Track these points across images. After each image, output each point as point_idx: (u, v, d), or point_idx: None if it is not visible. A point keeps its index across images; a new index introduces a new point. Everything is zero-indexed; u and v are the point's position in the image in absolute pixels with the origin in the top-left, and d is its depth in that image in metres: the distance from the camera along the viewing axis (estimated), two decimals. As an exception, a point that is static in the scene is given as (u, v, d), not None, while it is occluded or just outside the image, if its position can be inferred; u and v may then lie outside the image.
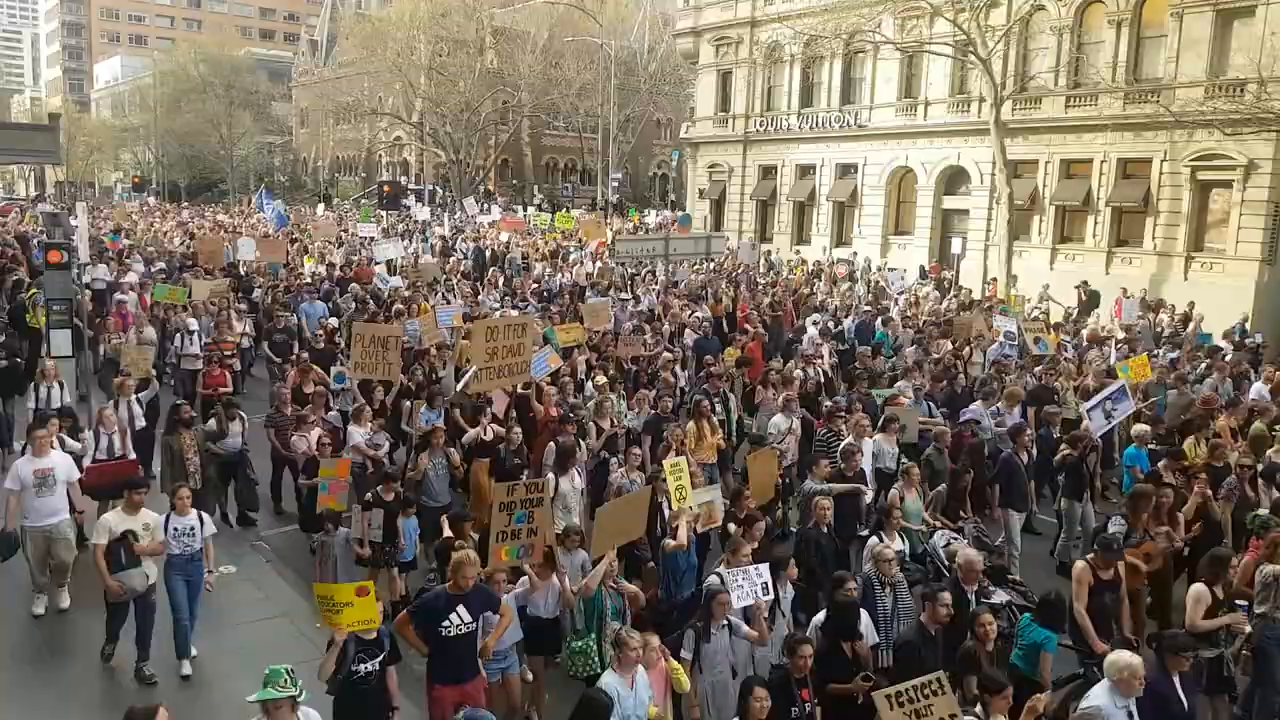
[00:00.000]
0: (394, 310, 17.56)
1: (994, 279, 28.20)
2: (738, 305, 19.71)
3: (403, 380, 12.58)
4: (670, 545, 8.20)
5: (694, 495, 8.69)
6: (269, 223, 37.06)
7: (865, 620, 6.98)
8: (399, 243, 28.67)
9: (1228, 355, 16.77)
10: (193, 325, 15.74)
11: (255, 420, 12.18)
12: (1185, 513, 9.62)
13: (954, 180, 33.73)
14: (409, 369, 13.29)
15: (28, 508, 8.86)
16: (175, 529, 8.15)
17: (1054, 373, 14.67)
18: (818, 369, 14.64)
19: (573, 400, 12.33)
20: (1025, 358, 16.25)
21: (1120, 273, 27.52)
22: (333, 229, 34.51)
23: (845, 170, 37.08)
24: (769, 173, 40.33)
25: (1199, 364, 16.12)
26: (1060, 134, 29.58)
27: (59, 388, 11.85)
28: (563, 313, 18.43)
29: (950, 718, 5.53)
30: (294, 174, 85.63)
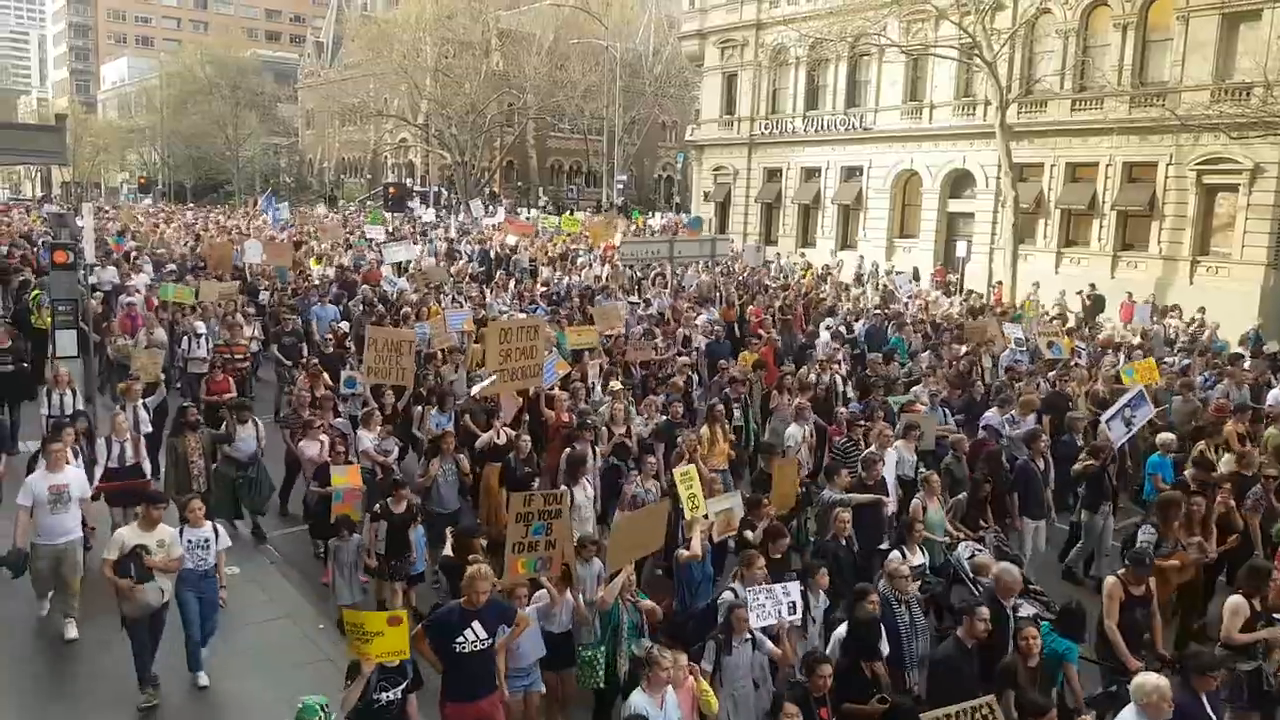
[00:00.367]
0: (402, 313, 17.29)
1: (999, 282, 28.20)
2: (751, 310, 19.51)
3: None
4: (684, 555, 7.99)
5: (711, 503, 8.53)
6: (272, 226, 36.98)
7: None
8: (409, 245, 28.35)
9: (1247, 363, 16.46)
10: (200, 328, 15.36)
11: (263, 422, 11.91)
12: (1210, 522, 9.28)
13: (959, 183, 33.73)
14: (420, 373, 13.06)
15: (40, 525, 8.44)
16: (189, 542, 7.86)
17: (1067, 378, 14.48)
18: (833, 374, 14.41)
19: (583, 405, 12.06)
20: (1037, 362, 16.11)
21: (1125, 277, 27.54)
22: (340, 232, 34.41)
23: (850, 173, 37.10)
24: (774, 175, 40.37)
25: (1214, 371, 15.88)
26: (1065, 137, 29.58)
27: (71, 395, 11.50)
28: (571, 316, 18.28)
29: None
30: (299, 175, 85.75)
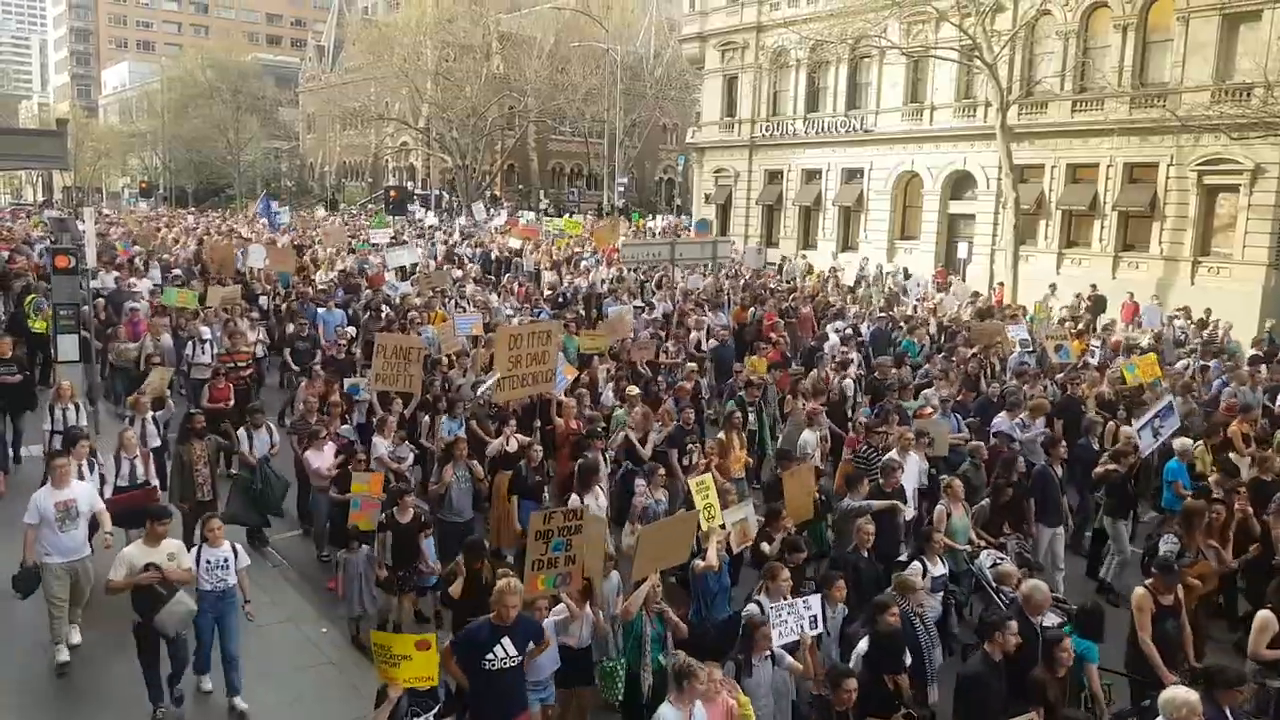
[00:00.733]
0: (409, 318, 17.15)
1: (1000, 283, 28.29)
2: (763, 314, 19.41)
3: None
4: (700, 566, 7.80)
5: (726, 513, 8.38)
6: (268, 228, 36.88)
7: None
8: (412, 249, 28.23)
9: (1263, 370, 16.24)
10: (206, 334, 15.20)
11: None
12: (1230, 530, 9.24)
13: (960, 185, 33.79)
14: (427, 380, 12.75)
15: (49, 544, 8.05)
16: (207, 562, 7.50)
17: (1078, 380, 14.36)
18: (847, 378, 14.34)
19: (590, 412, 11.94)
20: (1045, 366, 16.11)
21: (1126, 277, 27.59)
22: (343, 236, 34.42)
23: (851, 175, 37.16)
24: (775, 178, 40.42)
25: (1230, 374, 15.74)
26: (1066, 138, 29.62)
27: (75, 409, 11.21)
28: (579, 320, 18.26)
29: None
30: (301, 179, 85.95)
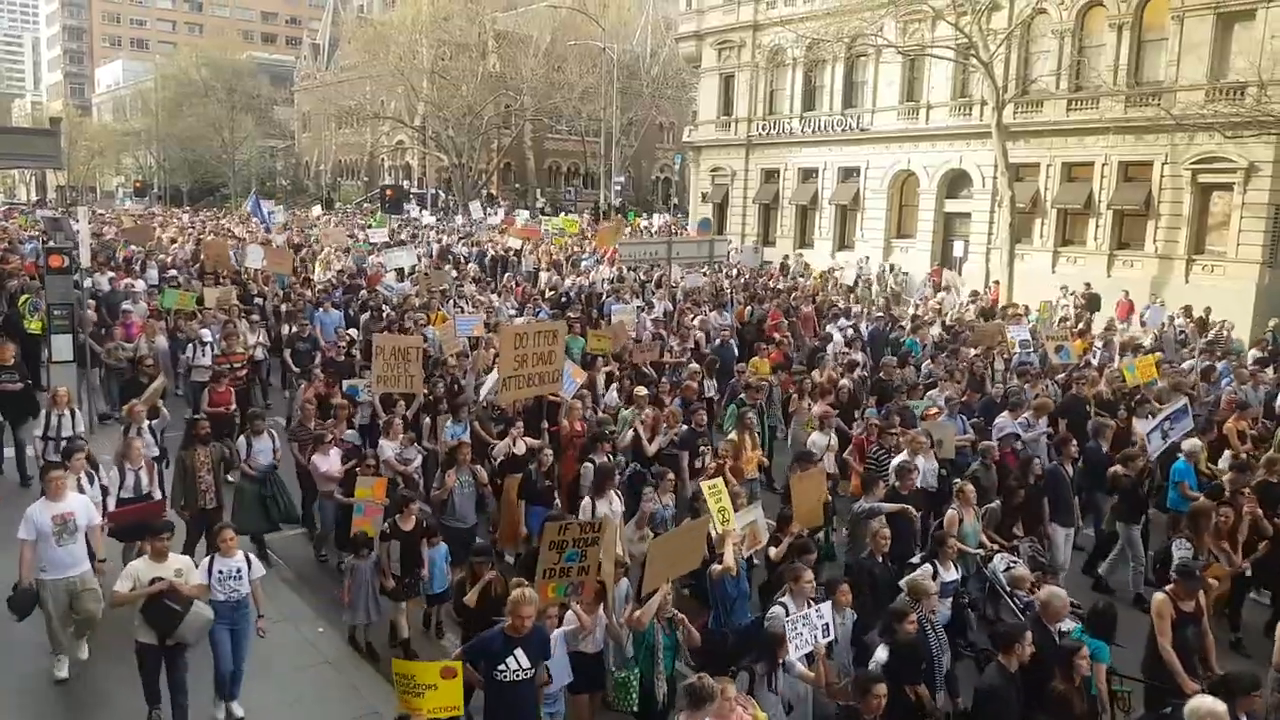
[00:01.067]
0: (414, 319, 16.93)
1: (996, 282, 28.43)
2: (764, 313, 19.48)
3: (424, 393, 12.18)
4: (717, 571, 7.66)
5: (736, 516, 8.26)
6: (260, 226, 36.69)
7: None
8: (411, 250, 28.13)
9: (1268, 371, 16.28)
10: (205, 335, 15.06)
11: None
12: (1240, 532, 9.20)
13: (956, 183, 33.86)
14: (429, 381, 12.61)
15: (46, 559, 7.74)
16: (220, 572, 7.36)
17: (1082, 380, 14.31)
18: (853, 378, 14.35)
19: (590, 415, 11.77)
20: (1045, 366, 16.18)
21: (1121, 275, 27.74)
22: (342, 237, 34.41)
23: (847, 174, 37.22)
24: (771, 176, 40.45)
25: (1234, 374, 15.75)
26: (1061, 137, 29.73)
27: (70, 416, 10.85)
28: (582, 320, 18.24)
29: None
30: (296, 178, 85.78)
